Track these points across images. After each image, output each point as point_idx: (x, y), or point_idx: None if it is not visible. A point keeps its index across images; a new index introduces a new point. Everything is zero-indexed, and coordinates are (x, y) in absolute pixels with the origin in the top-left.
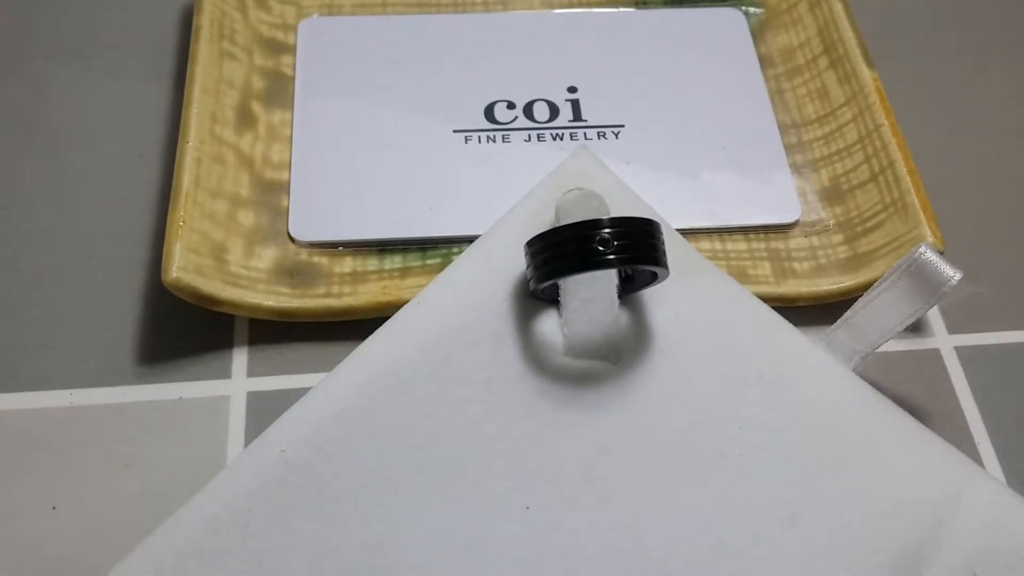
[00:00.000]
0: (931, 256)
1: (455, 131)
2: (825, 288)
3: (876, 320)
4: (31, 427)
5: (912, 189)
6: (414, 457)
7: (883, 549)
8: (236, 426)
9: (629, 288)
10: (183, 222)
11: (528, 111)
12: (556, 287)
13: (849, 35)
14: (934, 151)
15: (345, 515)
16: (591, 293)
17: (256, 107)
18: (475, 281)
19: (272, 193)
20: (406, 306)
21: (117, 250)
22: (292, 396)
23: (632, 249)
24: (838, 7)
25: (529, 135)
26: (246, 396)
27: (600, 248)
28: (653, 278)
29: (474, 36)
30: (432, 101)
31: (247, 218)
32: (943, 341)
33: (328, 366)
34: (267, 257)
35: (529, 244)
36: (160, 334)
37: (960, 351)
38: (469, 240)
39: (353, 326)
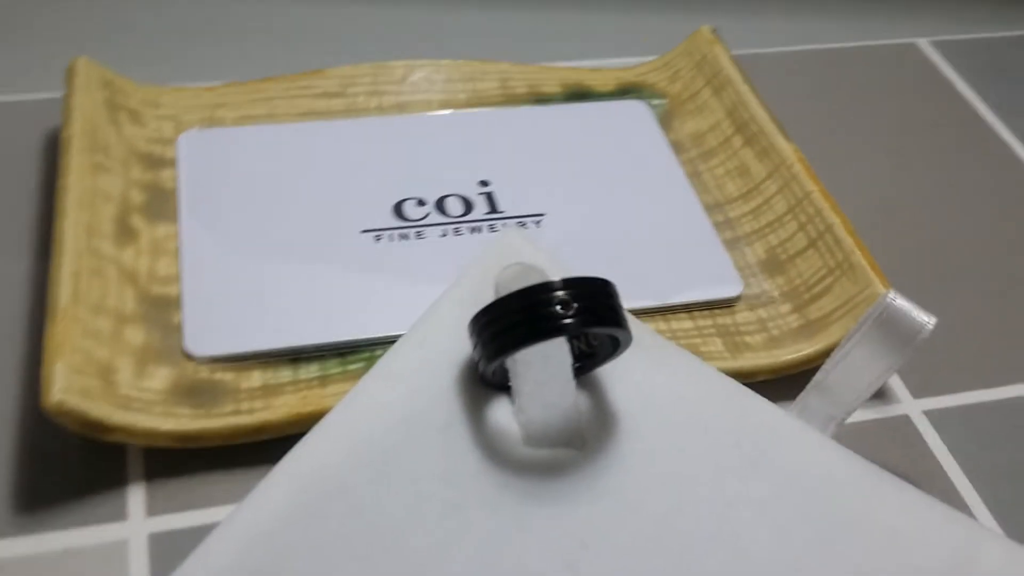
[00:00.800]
0: (902, 303)
1: (364, 231)
2: (784, 358)
3: (850, 380)
4: None
5: (856, 249)
6: (364, 571)
7: None
8: (139, 575)
9: (587, 366)
10: (63, 340)
11: (440, 206)
12: (506, 371)
13: (760, 112)
14: (863, 221)
15: None
16: (544, 374)
17: (137, 220)
18: (415, 370)
19: (162, 309)
20: (338, 404)
21: None
22: (201, 534)
23: (592, 311)
24: (744, 88)
25: (444, 230)
26: (147, 538)
27: (559, 310)
28: (614, 350)
29: (373, 138)
30: (334, 203)
31: (135, 335)
32: (910, 407)
33: (242, 496)
34: (162, 376)
35: (475, 320)
36: (41, 473)
37: (930, 415)
38: (393, 341)
39: (268, 448)
